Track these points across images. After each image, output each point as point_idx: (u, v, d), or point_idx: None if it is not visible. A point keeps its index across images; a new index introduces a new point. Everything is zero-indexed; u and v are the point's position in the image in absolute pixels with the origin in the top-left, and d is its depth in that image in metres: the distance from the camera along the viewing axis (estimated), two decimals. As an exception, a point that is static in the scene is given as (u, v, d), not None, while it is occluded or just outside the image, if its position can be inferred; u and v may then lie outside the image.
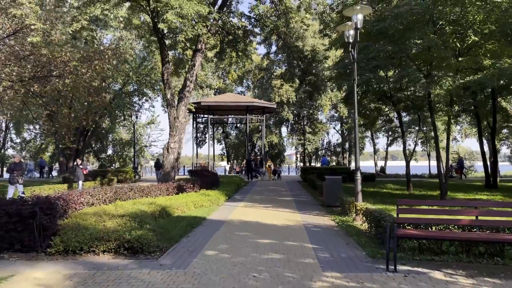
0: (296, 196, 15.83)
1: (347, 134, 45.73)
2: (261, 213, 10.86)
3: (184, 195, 13.01)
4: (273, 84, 39.35)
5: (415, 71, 12.15)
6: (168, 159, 17.45)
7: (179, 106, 17.78)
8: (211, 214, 10.68)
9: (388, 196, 16.18)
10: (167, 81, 17.54)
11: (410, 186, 18.88)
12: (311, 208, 12.12)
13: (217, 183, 19.41)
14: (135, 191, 12.11)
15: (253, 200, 14.36)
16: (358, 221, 9.25)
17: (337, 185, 12.25)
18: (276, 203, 13.31)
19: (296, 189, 19.40)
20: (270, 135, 43.03)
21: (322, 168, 26.31)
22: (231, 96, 36.55)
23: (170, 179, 17.33)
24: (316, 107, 40.38)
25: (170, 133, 17.78)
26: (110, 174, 25.32)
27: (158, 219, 9.59)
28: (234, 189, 17.63)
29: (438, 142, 14.78)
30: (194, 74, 17.91)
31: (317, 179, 19.34)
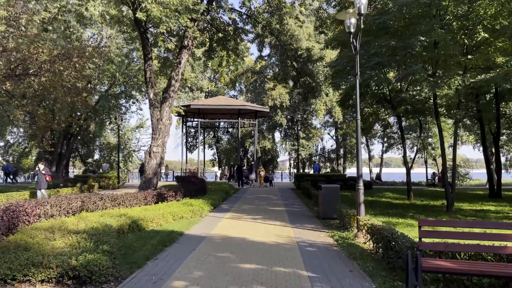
0: (288, 206, 14.48)
1: (342, 140, 44.57)
2: (249, 227, 9.49)
3: (164, 205, 11.60)
4: (266, 87, 38.14)
5: (422, 69, 10.93)
6: (150, 165, 16.03)
7: (163, 107, 16.41)
8: (190, 228, 9.28)
9: (388, 206, 14.90)
10: (150, 79, 16.16)
11: (410, 195, 17.65)
12: (306, 220, 10.77)
13: (204, 190, 18.00)
14: (106, 200, 10.67)
15: (241, 211, 12.97)
16: (360, 238, 7.93)
17: (335, 195, 10.93)
18: (266, 214, 11.94)
19: (289, 198, 18.06)
20: (263, 141, 41.71)
21: (317, 175, 25.02)
22: (222, 99, 35.25)
23: (152, 186, 15.90)
24: (310, 111, 39.18)
25: (153, 136, 16.38)
26: (91, 180, 23.77)
27: (127, 235, 8.18)
28: (221, 197, 16.25)
29: (444, 147, 13.54)
30: (180, 72, 16.56)
31: (311, 187, 18.02)
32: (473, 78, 11.44)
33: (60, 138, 33.22)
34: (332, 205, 10.77)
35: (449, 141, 41.63)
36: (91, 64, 20.74)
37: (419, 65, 10.90)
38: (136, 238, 7.80)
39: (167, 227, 9.32)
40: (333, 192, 10.93)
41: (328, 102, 38.89)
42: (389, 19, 11.24)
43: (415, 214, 12.32)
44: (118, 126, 28.17)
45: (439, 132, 13.60)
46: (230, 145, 47.92)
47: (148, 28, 15.78)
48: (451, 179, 13.94)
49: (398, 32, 12.10)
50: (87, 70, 20.55)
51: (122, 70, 29.98)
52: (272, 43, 18.18)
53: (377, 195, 19.51)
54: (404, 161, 18.10)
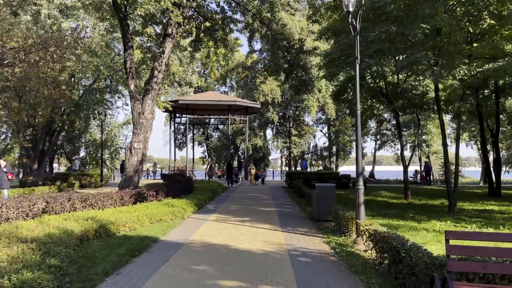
0: (279, 206, 13.46)
1: (334, 137, 43.70)
2: (234, 231, 8.45)
3: (142, 206, 10.50)
4: (257, 82, 37.06)
5: (425, 57, 9.97)
6: (130, 162, 14.89)
7: (145, 99, 15.26)
8: (168, 233, 8.21)
9: (386, 206, 13.96)
10: (130, 69, 14.99)
11: (408, 194, 16.78)
12: (298, 223, 9.76)
13: (190, 189, 16.93)
14: (75, 201, 9.54)
15: (228, 211, 11.92)
16: (360, 244, 6.94)
17: (330, 195, 9.94)
18: (255, 216, 10.91)
19: (280, 197, 17.05)
20: (254, 138, 40.67)
21: (309, 173, 24.06)
22: (212, 94, 34.10)
23: (133, 184, 14.76)
24: (302, 108, 38.23)
25: (134, 131, 15.23)
26: (72, 178, 22.52)
27: (92, 242, 7.09)
28: (208, 196, 15.17)
29: (446, 143, 12.62)
30: (163, 63, 15.41)
31: (304, 186, 17.04)
32: (479, 67, 10.51)
33: (42, 134, 31.81)
34: (327, 206, 9.78)
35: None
36: (72, 55, 19.51)
37: (422, 53, 9.94)
38: (101, 246, 6.71)
39: (141, 231, 8.23)
40: (328, 192, 9.93)
41: (321, 99, 37.97)
42: (389, 2, 10.25)
43: (416, 215, 11.39)
44: (102, 122, 26.89)
45: (441, 127, 12.67)
46: (221, 142, 46.79)
47: (128, 14, 14.60)
48: (453, 178, 13.01)
49: (398, 18, 11.13)
50: (68, 62, 19.29)
51: (106, 63, 28.66)
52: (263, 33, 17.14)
53: (372, 194, 18.60)
54: (401, 158, 17.20)
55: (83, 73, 31.22)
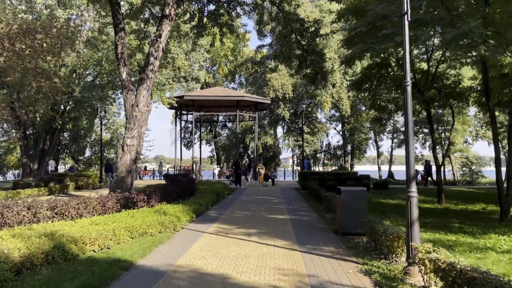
0: (294, 213, 11.40)
1: (349, 135, 41.38)
2: (237, 251, 6.44)
3: (126, 215, 8.54)
4: (268, 77, 35.01)
5: (479, 27, 7.81)
6: (123, 161, 12.99)
7: (140, 90, 13.34)
8: (149, 254, 6.23)
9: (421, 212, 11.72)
10: (122, 55, 13.07)
11: (442, 198, 14.53)
12: (319, 237, 7.70)
13: (192, 191, 15.00)
14: (38, 210, 7.62)
15: (231, 220, 9.92)
16: (415, 276, 4.86)
17: (360, 202, 7.84)
18: (264, 227, 8.88)
19: (293, 201, 14.99)
20: (264, 136, 38.62)
21: (325, 173, 21.93)
22: (219, 90, 32.20)
23: (125, 186, 12.86)
24: (315, 104, 36.07)
25: (127, 125, 13.32)
26: (68, 179, 20.78)
27: (40, 270, 5.14)
28: (211, 200, 13.19)
29: (498, 138, 10.41)
30: (160, 48, 13.47)
31: (321, 189, 14.95)
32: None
33: (42, 133, 30.27)
34: (356, 215, 7.70)
35: (464, 136, 38.43)
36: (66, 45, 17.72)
37: (476, 22, 7.81)
38: (47, 278, 4.76)
39: (114, 251, 6.27)
40: (358, 198, 7.84)
41: (335, 94, 35.76)
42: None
43: (463, 226, 9.24)
44: (101, 119, 25.15)
45: (492, 120, 10.45)
46: (230, 140, 44.86)
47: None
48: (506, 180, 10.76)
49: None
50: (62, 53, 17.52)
51: (108, 57, 26.92)
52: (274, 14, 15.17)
53: (398, 197, 16.40)
54: (434, 157, 14.97)
55: (85, 68, 29.60)
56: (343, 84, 35.81)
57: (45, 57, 16.44)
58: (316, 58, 14.85)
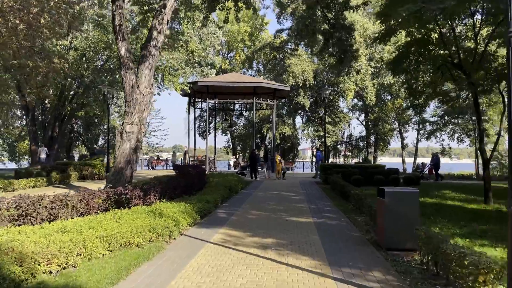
0: (318, 214, 9.55)
1: (372, 126, 39.04)
2: (247, 278, 4.65)
3: (111, 216, 6.86)
4: (287, 63, 32.91)
5: None
6: (121, 150, 11.36)
7: (141, 68, 11.64)
8: (125, 278, 4.51)
9: (469, 216, 9.76)
10: (120, 28, 11.37)
11: (489, 197, 12.40)
12: (356, 253, 5.85)
13: (201, 185, 13.33)
14: None
15: (243, 224, 8.15)
16: None
17: (411, 207, 5.93)
18: (283, 234, 7.08)
19: (316, 198, 13.12)
20: (282, 126, 36.69)
21: (349, 166, 19.92)
22: (235, 76, 30.35)
23: (124, 179, 11.27)
24: (337, 92, 33.86)
25: (126, 109, 11.67)
26: (71, 167, 19.44)
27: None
28: (221, 196, 11.47)
29: None
30: (165, 20, 11.70)
31: (347, 185, 13.03)
32: None
33: (51, 120, 29.17)
34: (405, 225, 5.82)
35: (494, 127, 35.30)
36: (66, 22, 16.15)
37: None
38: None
39: (79, 273, 4.57)
40: (407, 202, 5.93)
41: (359, 81, 33.44)
42: None
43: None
44: (108, 104, 23.69)
45: None
46: (246, 130, 43.08)
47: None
48: None
49: None
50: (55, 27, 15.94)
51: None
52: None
53: (436, 196, 14.32)
54: (480, 149, 12.81)
55: (95, 52, 28.13)
56: (367, 71, 33.45)
57: (42, 34, 14.92)
58: (344, 34, 12.82)
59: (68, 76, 26.76)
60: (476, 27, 12.90)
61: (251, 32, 40.00)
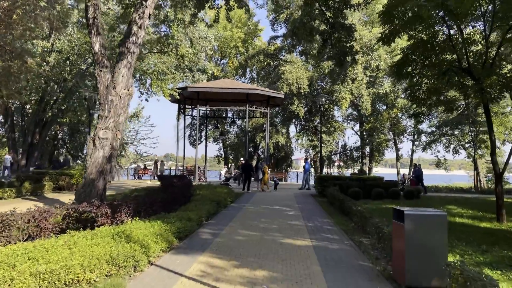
0: (317, 235, 8.28)
1: (367, 136, 38.05)
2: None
3: (63, 242, 5.52)
4: (281, 70, 31.87)
5: None
6: (93, 158, 10.02)
7: (118, 67, 10.38)
8: None
9: (484, 236, 8.57)
10: (94, 20, 10.12)
11: (502, 214, 11.24)
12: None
13: (185, 198, 12.00)
14: None
15: (229, 249, 6.84)
16: None
17: (438, 234, 4.71)
18: (277, 264, 5.80)
19: (312, 213, 11.85)
20: (275, 135, 35.52)
21: (347, 178, 18.72)
22: (227, 82, 29.20)
23: (96, 192, 9.91)
24: (333, 100, 32.82)
25: (100, 113, 10.37)
26: (46, 177, 17.96)
27: None
28: (207, 212, 10.14)
29: None
30: (147, 14, 10.50)
31: (348, 199, 11.80)
32: None
33: (30, 126, 27.64)
34: (430, 257, 4.59)
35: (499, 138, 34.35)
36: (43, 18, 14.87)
37: None
38: None
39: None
40: (432, 228, 4.71)
41: (354, 90, 32.48)
42: None
43: None
44: (90, 109, 22.31)
45: None
46: (239, 139, 41.84)
47: None
48: None
49: None
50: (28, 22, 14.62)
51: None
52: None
53: (442, 211, 13.09)
54: (492, 162, 11.68)
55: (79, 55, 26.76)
56: (363, 80, 32.55)
57: (14, 30, 13.61)
58: (344, 34, 11.71)
59: (49, 80, 25.43)
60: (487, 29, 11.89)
61: (244, 38, 39.04)
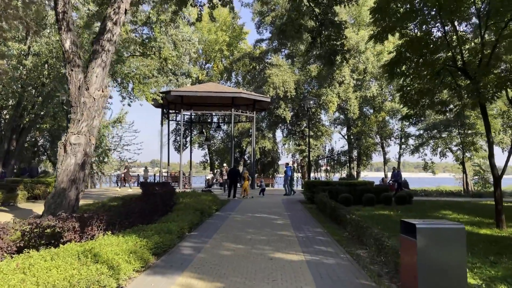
0: (309, 247, 7.58)
1: (355, 140, 37.71)
2: None
3: (15, 265, 4.70)
4: (267, 73, 31.27)
5: None
6: (64, 166, 9.13)
7: (92, 66, 9.55)
8: None
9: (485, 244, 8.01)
10: (64, 16, 9.27)
11: (502, 220, 10.74)
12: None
13: (167, 207, 11.19)
14: None
15: (212, 266, 6.06)
16: None
17: (455, 251, 4.06)
18: (267, 285, 5.07)
19: (303, 222, 11.15)
20: (262, 140, 34.84)
21: (336, 183, 18.13)
22: (212, 86, 28.48)
23: (67, 203, 9.01)
24: (320, 104, 32.33)
25: (72, 116, 9.48)
26: (21, 186, 16.87)
27: None
28: (189, 223, 9.33)
29: None
30: (123, 9, 9.70)
31: (341, 207, 11.15)
32: None
33: (7, 132, 26.35)
34: (449, 277, 3.92)
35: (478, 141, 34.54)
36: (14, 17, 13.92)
37: None
38: None
39: None
40: (450, 244, 4.05)
41: (342, 93, 32.09)
42: None
43: None
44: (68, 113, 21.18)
45: None
46: (224, 144, 41.03)
47: None
48: None
49: None
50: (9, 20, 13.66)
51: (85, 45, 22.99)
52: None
53: (434, 216, 12.60)
54: (491, 165, 11.19)
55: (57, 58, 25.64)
56: (350, 83, 32.21)
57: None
58: (334, 32, 11.14)
59: (26, 84, 24.31)
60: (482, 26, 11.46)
61: (229, 41, 38.41)
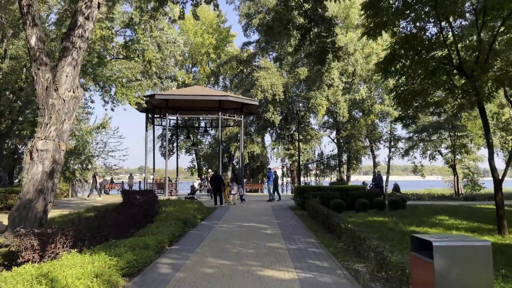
0: (302, 262, 6.83)
1: (345, 144, 37.22)
2: None
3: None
4: (255, 76, 30.62)
5: None
6: (31, 174, 8.23)
7: (61, 65, 8.70)
8: None
9: (498, 256, 7.41)
10: (29, 9, 8.41)
11: (504, 226, 10.17)
12: None
13: (147, 218, 10.34)
14: None
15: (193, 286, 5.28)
16: None
17: (482, 271, 3.37)
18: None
19: (294, 231, 10.41)
20: (250, 145, 34.09)
21: (328, 188, 17.46)
22: (198, 89, 27.69)
23: (34, 215, 8.11)
24: (309, 107, 31.76)
25: (39, 119, 8.60)
26: (-6, 196, 15.81)
27: None
28: (169, 235, 8.50)
29: None
30: (95, 3, 8.90)
31: (334, 214, 10.44)
32: None
33: (-20, 136, 25.13)
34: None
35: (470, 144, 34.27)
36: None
37: None
38: None
39: None
40: (474, 264, 3.36)
41: (331, 96, 31.59)
42: None
43: None
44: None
45: None
46: (212, 149, 40.15)
47: None
48: None
49: None
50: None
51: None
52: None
53: (434, 224, 11.99)
54: (491, 168, 10.63)
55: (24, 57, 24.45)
56: (339, 86, 31.75)
57: None
58: (324, 29, 10.50)
59: (2, 89, 23.22)
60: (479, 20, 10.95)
61: (216, 44, 37.72)
